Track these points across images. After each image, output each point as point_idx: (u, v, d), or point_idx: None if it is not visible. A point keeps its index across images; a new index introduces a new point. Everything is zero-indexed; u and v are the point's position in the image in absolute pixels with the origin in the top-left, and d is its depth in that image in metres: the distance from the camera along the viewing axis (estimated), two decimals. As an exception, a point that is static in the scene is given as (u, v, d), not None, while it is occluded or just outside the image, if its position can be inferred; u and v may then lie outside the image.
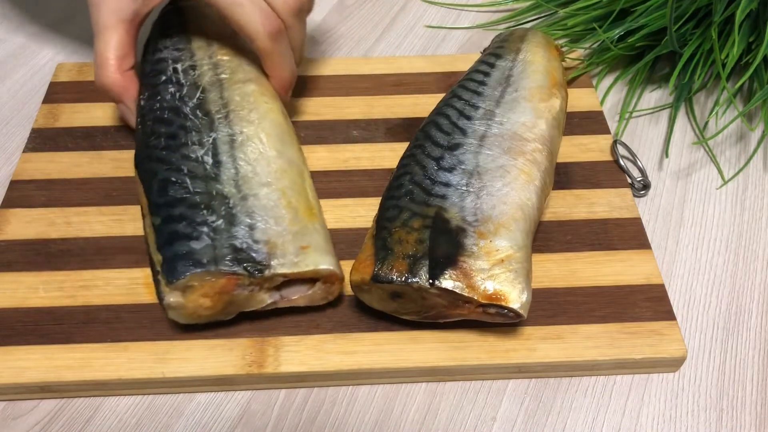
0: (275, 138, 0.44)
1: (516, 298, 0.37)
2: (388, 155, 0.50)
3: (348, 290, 0.42)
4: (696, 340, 0.43)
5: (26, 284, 0.43)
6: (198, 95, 0.45)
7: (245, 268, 0.38)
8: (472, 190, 0.40)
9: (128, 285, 0.43)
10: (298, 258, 0.39)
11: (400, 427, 0.39)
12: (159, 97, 0.45)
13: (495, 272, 0.37)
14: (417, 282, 0.37)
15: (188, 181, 0.41)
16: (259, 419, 0.39)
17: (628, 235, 0.46)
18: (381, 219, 0.41)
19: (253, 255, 0.38)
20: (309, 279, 0.40)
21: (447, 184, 0.41)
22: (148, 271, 0.43)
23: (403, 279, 0.37)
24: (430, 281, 0.37)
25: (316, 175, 0.49)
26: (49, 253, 0.44)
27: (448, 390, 0.40)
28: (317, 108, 0.54)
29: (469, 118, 0.45)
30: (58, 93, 0.54)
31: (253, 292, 0.39)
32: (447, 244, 0.38)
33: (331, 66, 0.57)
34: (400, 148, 0.51)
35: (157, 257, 0.39)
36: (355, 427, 0.39)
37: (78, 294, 0.42)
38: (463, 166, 0.42)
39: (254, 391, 0.40)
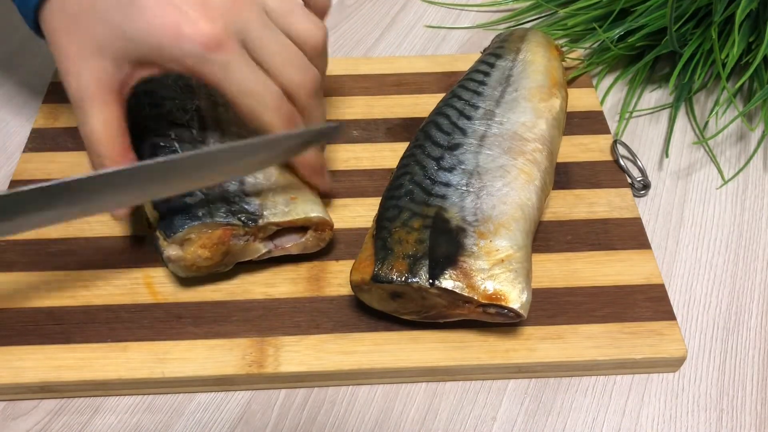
0: None
1: (516, 298, 0.37)
2: (388, 155, 0.50)
3: (340, 284, 0.43)
4: (696, 340, 0.43)
5: (27, 284, 0.43)
6: None
7: (239, 219, 0.40)
8: (472, 190, 0.40)
9: (128, 285, 0.43)
10: (288, 207, 0.41)
11: (400, 427, 0.39)
12: None
13: (495, 272, 0.37)
14: (417, 282, 0.37)
15: (176, 145, 0.42)
16: (259, 419, 0.39)
17: (628, 235, 0.46)
18: (381, 219, 0.41)
19: (246, 207, 0.40)
20: (300, 227, 0.42)
21: (447, 184, 0.41)
22: (147, 271, 0.43)
23: (403, 279, 0.37)
24: (430, 281, 0.37)
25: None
26: (50, 253, 0.44)
27: (448, 390, 0.40)
28: (317, 108, 0.54)
29: (469, 118, 0.45)
30: (58, 93, 0.54)
31: (248, 243, 0.41)
32: (447, 244, 0.38)
33: (330, 66, 0.56)
34: (400, 148, 0.51)
35: (154, 214, 0.40)
36: (355, 427, 0.39)
37: (78, 294, 0.42)
38: (463, 166, 0.42)
39: (254, 391, 0.40)
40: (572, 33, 0.58)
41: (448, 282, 0.37)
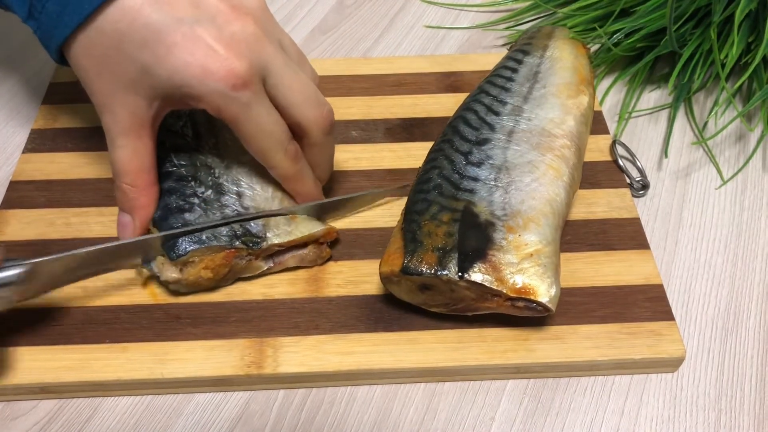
0: None
1: (545, 292, 0.37)
2: (387, 156, 0.50)
3: (334, 287, 0.43)
4: (695, 340, 0.43)
5: None
6: None
7: (243, 242, 0.40)
8: (500, 184, 0.41)
9: (127, 286, 0.43)
10: (290, 227, 0.42)
11: (398, 427, 0.39)
12: None
13: (524, 266, 0.38)
14: (446, 274, 0.37)
15: (171, 155, 0.42)
16: (257, 420, 0.39)
17: (627, 235, 0.46)
18: (409, 212, 0.41)
19: (249, 229, 0.41)
20: (302, 244, 0.42)
21: (475, 179, 0.41)
22: (147, 272, 0.43)
23: (432, 271, 0.37)
24: (460, 274, 0.37)
25: (315, 175, 0.49)
26: (49, 254, 0.44)
27: (447, 390, 0.40)
28: (316, 108, 0.54)
29: (497, 113, 0.45)
30: (57, 93, 0.54)
31: (251, 261, 0.42)
32: (476, 238, 0.38)
33: (330, 66, 0.57)
34: (399, 149, 0.51)
35: (153, 230, 0.41)
36: (353, 428, 0.39)
37: (77, 295, 0.42)
38: (491, 161, 0.42)
39: (253, 392, 0.40)
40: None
41: (477, 275, 0.37)
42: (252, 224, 0.41)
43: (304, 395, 0.40)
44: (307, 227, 0.42)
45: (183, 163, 0.43)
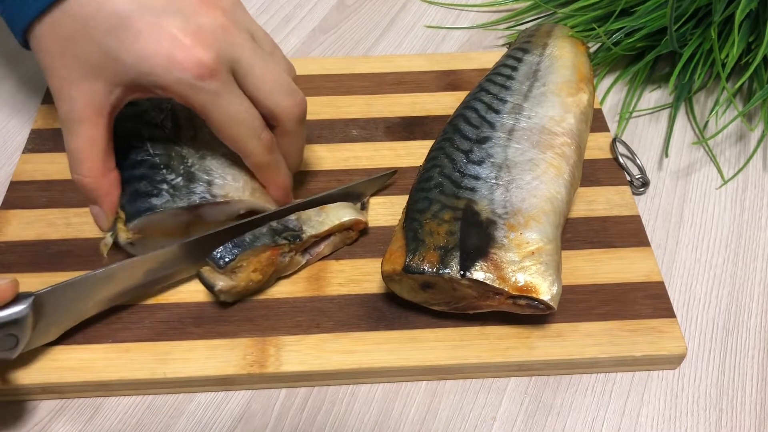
0: None
1: (547, 290, 0.37)
2: (387, 154, 0.50)
3: (337, 288, 0.43)
4: (696, 340, 0.43)
5: (27, 285, 0.42)
6: None
7: (285, 238, 0.41)
8: (501, 183, 0.41)
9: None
10: (321, 218, 0.43)
11: (400, 426, 0.39)
12: None
13: (525, 264, 0.38)
14: (448, 273, 0.37)
15: (148, 145, 0.43)
16: (259, 419, 0.39)
17: (628, 232, 0.46)
18: (411, 210, 0.41)
19: (288, 225, 0.42)
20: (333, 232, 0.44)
21: (476, 177, 0.41)
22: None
23: (434, 270, 0.37)
24: (462, 272, 0.37)
25: (315, 175, 0.49)
26: (50, 254, 0.44)
27: (448, 389, 0.40)
28: (316, 107, 0.54)
29: (497, 111, 0.45)
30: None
31: (292, 257, 0.42)
32: (477, 236, 0.38)
33: (330, 65, 0.57)
34: (399, 147, 0.51)
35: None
36: (355, 427, 0.39)
37: None
38: (492, 159, 0.42)
39: (254, 391, 0.40)
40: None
41: (479, 273, 0.37)
42: (288, 221, 0.42)
43: (305, 394, 0.40)
44: (337, 215, 0.43)
45: (158, 152, 0.43)
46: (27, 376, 0.39)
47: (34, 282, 0.43)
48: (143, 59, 0.36)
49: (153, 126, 0.44)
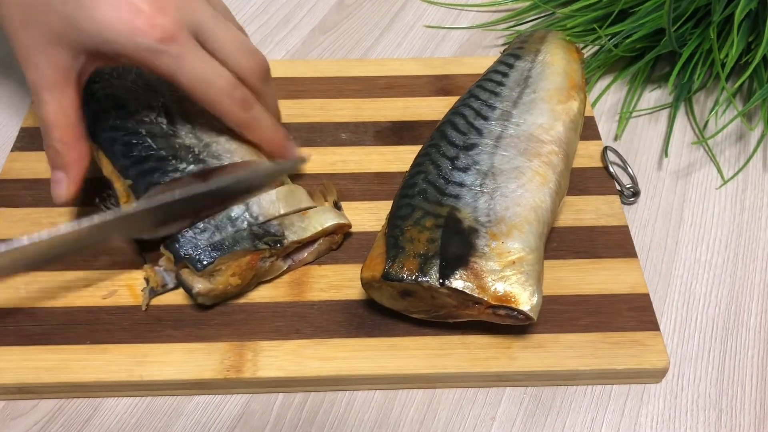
0: None
1: (526, 301, 0.37)
2: (376, 159, 0.50)
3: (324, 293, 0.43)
4: (695, 340, 0.43)
5: (7, 284, 0.42)
6: (135, 70, 0.47)
7: (266, 243, 0.40)
8: (486, 190, 0.40)
9: (110, 287, 0.43)
10: (304, 223, 0.42)
11: (399, 427, 0.39)
12: (99, 76, 0.46)
13: (506, 274, 0.37)
14: (427, 281, 0.37)
15: (149, 140, 0.42)
16: (258, 420, 0.39)
17: (615, 243, 0.45)
18: (393, 217, 0.40)
19: (269, 230, 0.41)
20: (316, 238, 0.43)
21: (461, 184, 0.41)
22: (129, 272, 0.43)
23: (413, 278, 0.37)
24: (441, 281, 0.37)
25: (303, 178, 0.49)
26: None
27: (447, 390, 0.40)
28: (306, 110, 0.53)
29: (485, 118, 0.44)
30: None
31: (272, 262, 0.42)
32: (459, 244, 0.38)
33: (323, 68, 0.56)
34: (388, 152, 0.50)
35: (167, 254, 0.40)
36: (354, 428, 0.39)
37: (59, 295, 0.42)
38: (477, 167, 0.41)
39: (253, 392, 0.40)
40: (571, 34, 0.58)
41: (458, 282, 0.37)
42: (269, 226, 0.41)
43: (304, 396, 0.40)
44: (319, 221, 0.42)
45: (161, 146, 0.42)
46: (2, 376, 0.39)
47: (15, 281, 0.42)
48: (104, 27, 0.37)
49: (148, 124, 0.44)
